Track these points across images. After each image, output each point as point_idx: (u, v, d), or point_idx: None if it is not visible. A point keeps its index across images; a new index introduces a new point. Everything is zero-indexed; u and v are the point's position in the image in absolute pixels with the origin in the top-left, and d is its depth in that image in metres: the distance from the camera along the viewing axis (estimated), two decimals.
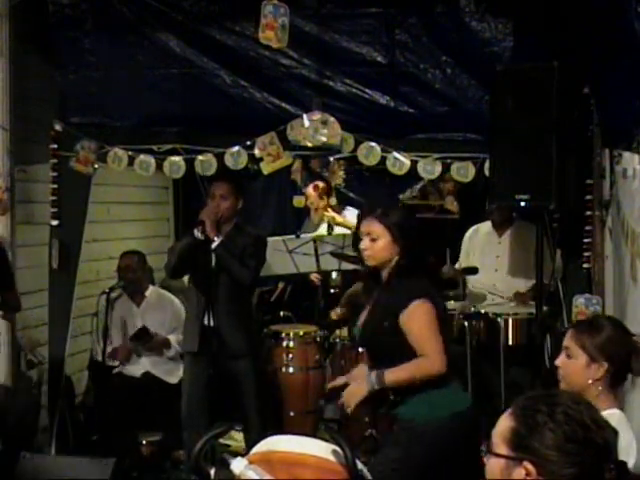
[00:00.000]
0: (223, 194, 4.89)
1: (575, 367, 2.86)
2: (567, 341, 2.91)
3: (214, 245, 4.78)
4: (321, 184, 6.81)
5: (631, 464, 2.52)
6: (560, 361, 2.92)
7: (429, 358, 3.44)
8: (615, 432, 1.86)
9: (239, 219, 5.05)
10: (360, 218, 3.67)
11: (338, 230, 6.50)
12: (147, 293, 5.96)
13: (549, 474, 1.77)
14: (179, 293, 6.06)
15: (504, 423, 1.87)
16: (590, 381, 2.81)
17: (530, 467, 1.79)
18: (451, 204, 6.50)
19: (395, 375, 3.46)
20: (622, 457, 1.89)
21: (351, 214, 6.80)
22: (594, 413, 1.84)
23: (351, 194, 7.44)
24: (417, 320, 3.46)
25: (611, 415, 2.65)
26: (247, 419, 4.92)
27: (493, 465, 1.87)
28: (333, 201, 6.81)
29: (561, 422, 1.79)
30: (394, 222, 3.54)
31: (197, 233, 4.76)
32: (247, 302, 5.15)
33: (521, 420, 1.84)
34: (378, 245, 3.54)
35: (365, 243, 3.57)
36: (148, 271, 6.13)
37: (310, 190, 6.79)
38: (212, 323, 4.85)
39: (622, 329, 2.95)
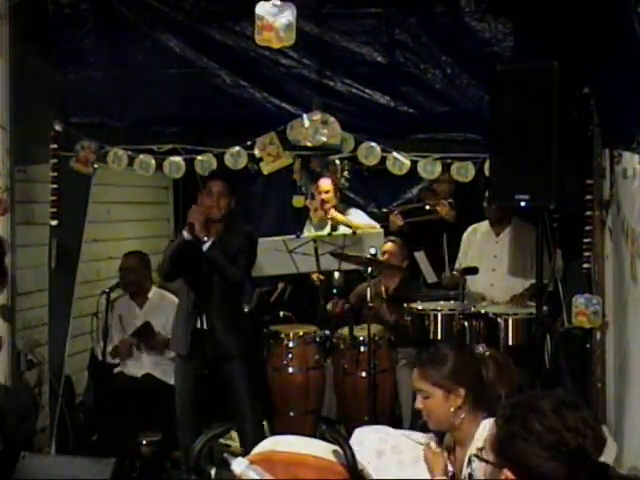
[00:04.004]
0: (221, 191, 4.87)
1: (435, 404, 2.88)
2: (416, 383, 2.93)
3: (205, 247, 4.75)
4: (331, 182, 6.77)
5: None
6: (418, 404, 2.93)
7: None
8: (596, 432, 1.86)
9: (229, 217, 5.01)
10: None
11: (340, 230, 6.49)
12: (150, 294, 5.94)
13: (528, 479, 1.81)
14: (176, 293, 6.06)
15: (491, 429, 1.94)
16: (452, 410, 2.84)
17: (509, 474, 1.83)
18: (445, 212, 6.47)
19: None
20: None
21: (356, 215, 6.75)
22: (570, 418, 1.86)
23: (351, 194, 7.43)
24: None
25: (487, 425, 2.71)
26: (241, 420, 4.90)
27: (482, 468, 1.91)
28: (337, 201, 6.79)
29: (534, 431, 1.83)
30: None
31: (186, 234, 4.74)
32: (239, 302, 5.15)
33: (501, 428, 1.88)
34: None
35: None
36: (150, 272, 6.12)
37: (326, 182, 6.71)
38: (205, 325, 4.84)
39: (463, 350, 3.00)
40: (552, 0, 4.74)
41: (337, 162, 6.80)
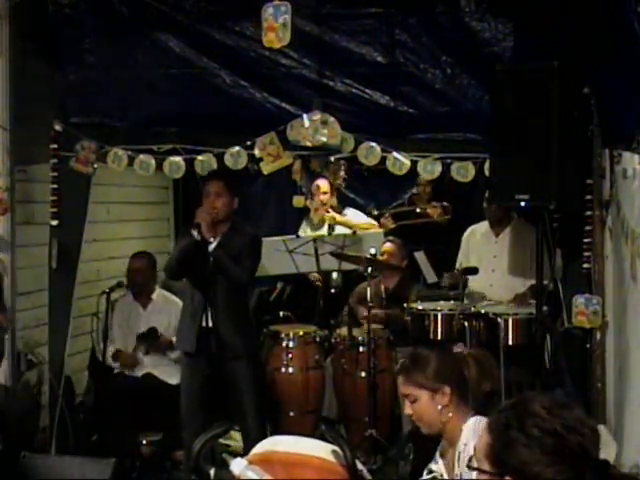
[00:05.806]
0: (217, 191, 4.86)
1: (422, 406, 2.91)
2: (402, 389, 2.97)
3: (211, 247, 4.78)
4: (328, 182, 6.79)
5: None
6: (407, 410, 2.96)
7: None
8: (593, 429, 1.85)
9: (235, 218, 5.02)
10: None
11: (338, 230, 6.49)
12: (153, 296, 5.93)
13: None
14: (180, 293, 6.05)
15: (483, 438, 1.89)
16: (439, 408, 2.88)
17: None
18: (437, 215, 6.47)
19: None
20: None
21: (354, 215, 6.77)
22: (567, 418, 1.83)
23: (351, 194, 7.43)
24: None
25: (474, 423, 2.77)
26: (245, 419, 4.91)
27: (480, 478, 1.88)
28: (334, 202, 6.80)
29: (533, 436, 1.80)
30: None
31: (195, 234, 4.75)
32: (244, 302, 5.13)
33: (495, 436, 1.85)
34: None
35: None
36: (155, 273, 6.11)
37: (325, 183, 6.73)
38: (210, 324, 4.85)
39: (443, 350, 3.05)
40: (552, 0, 4.74)
41: (332, 161, 6.81)
